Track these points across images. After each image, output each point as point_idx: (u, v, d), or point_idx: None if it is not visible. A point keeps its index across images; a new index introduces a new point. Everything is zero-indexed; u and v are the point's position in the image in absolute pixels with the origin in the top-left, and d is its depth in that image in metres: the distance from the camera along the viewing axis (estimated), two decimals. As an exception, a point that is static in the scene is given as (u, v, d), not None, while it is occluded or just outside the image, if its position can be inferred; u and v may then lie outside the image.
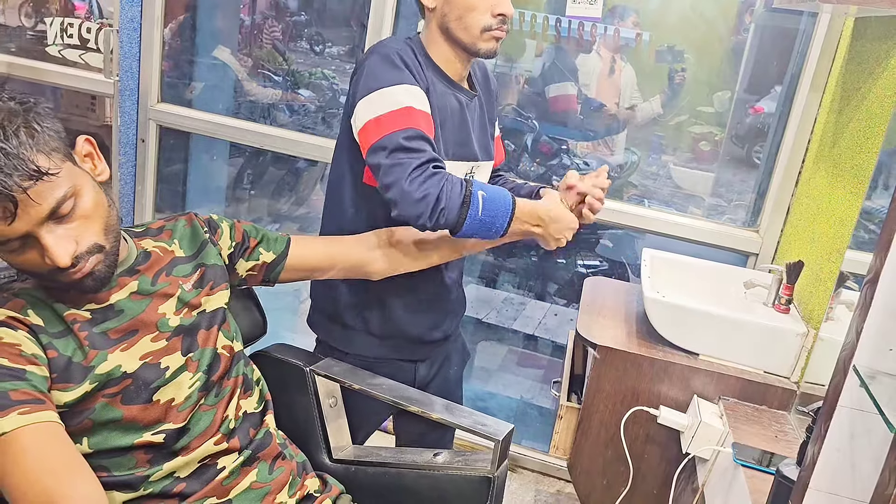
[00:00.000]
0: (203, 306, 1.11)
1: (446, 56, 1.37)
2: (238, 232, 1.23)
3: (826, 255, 1.62)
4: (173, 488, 1.04)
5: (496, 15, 1.31)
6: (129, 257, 1.07)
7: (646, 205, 2.60)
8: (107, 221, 0.97)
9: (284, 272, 1.27)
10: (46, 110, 0.92)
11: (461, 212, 1.19)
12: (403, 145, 1.19)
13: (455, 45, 1.35)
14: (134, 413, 0.99)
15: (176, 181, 2.85)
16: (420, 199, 1.17)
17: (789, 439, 1.46)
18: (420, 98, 1.27)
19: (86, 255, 0.94)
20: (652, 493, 1.70)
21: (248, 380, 1.18)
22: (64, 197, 0.91)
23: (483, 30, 1.31)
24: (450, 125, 1.37)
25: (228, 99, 3.02)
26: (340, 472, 1.33)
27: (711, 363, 1.62)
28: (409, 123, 1.22)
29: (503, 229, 1.24)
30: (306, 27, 3.62)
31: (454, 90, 1.39)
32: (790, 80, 2.06)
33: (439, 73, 1.36)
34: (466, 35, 1.32)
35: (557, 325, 3.25)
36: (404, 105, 1.23)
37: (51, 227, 0.91)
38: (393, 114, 1.22)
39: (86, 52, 2.54)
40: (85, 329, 0.98)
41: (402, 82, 1.26)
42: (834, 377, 0.90)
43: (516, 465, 2.40)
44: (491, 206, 1.21)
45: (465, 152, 1.42)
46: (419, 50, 1.36)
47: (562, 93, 2.69)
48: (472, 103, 1.43)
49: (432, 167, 1.19)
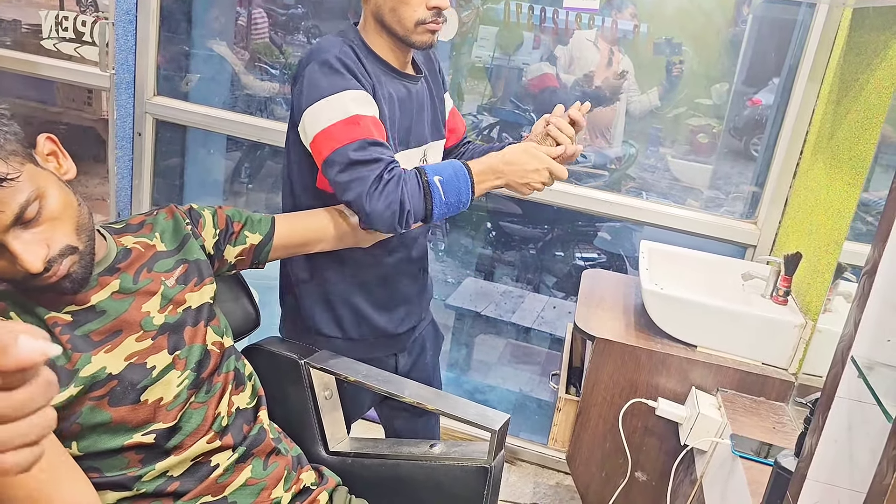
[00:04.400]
0: (188, 302, 1.09)
1: (386, 46, 1.35)
2: (221, 218, 1.21)
3: (824, 246, 1.61)
4: (167, 487, 1.03)
5: (431, 8, 1.28)
6: (108, 255, 1.04)
7: (644, 197, 2.59)
8: (77, 221, 0.94)
9: (273, 252, 1.26)
10: (1, 111, 0.88)
11: (426, 204, 1.22)
12: (355, 159, 1.19)
13: (391, 35, 1.33)
14: (122, 414, 0.98)
15: (173, 175, 2.84)
16: (384, 211, 1.19)
17: (787, 430, 1.47)
18: (365, 101, 1.25)
19: (58, 257, 0.90)
20: (650, 485, 1.70)
21: (240, 375, 1.17)
22: (27, 201, 0.86)
23: (417, 23, 1.29)
24: (398, 115, 1.36)
25: (225, 92, 3.01)
26: (337, 464, 1.33)
27: (709, 355, 1.62)
28: (357, 134, 1.21)
29: (469, 199, 1.25)
30: (303, 20, 3.61)
31: (399, 78, 1.37)
32: (788, 71, 2.05)
33: (382, 64, 1.34)
34: (400, 27, 1.30)
35: (556, 317, 3.25)
36: (351, 114, 1.22)
37: (17, 234, 0.87)
38: (340, 124, 1.21)
39: (81, 45, 2.52)
40: (66, 332, 0.96)
41: (345, 88, 1.24)
42: (832, 368, 0.90)
43: (515, 457, 2.40)
44: (451, 186, 1.23)
45: (415, 138, 1.42)
46: (358, 43, 1.33)
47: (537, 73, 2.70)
48: (418, 87, 1.42)
49: (387, 173, 1.20)
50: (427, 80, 1.46)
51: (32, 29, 2.85)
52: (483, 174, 1.26)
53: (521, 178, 1.27)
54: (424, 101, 1.44)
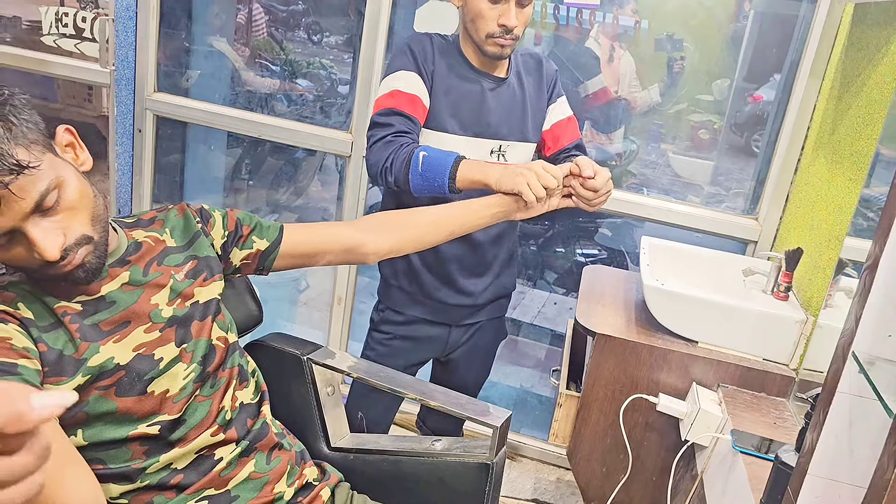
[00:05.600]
0: (196, 297, 1.10)
1: (471, 48, 1.54)
2: (231, 221, 1.22)
3: (825, 242, 1.61)
4: (171, 480, 1.03)
5: (500, 25, 1.45)
6: (119, 248, 1.05)
7: (645, 193, 2.59)
8: (93, 211, 0.95)
9: (278, 259, 1.26)
10: (23, 101, 0.89)
11: (404, 170, 1.40)
12: (375, 121, 1.49)
13: (470, 39, 1.53)
14: (128, 405, 0.98)
15: (174, 171, 2.84)
16: (373, 165, 1.45)
17: (788, 426, 1.47)
18: (410, 80, 1.50)
19: (74, 246, 0.92)
20: (651, 481, 1.70)
21: (244, 371, 1.17)
22: (47, 189, 0.88)
23: (487, 35, 1.47)
24: (466, 106, 1.55)
25: (225, 89, 3.01)
26: (339, 460, 1.33)
27: (710, 351, 1.62)
28: (388, 104, 1.48)
29: (444, 182, 1.37)
30: (304, 16, 3.60)
31: (477, 76, 1.56)
32: (789, 67, 2.05)
33: (462, 60, 1.56)
34: (476, 36, 1.50)
35: (557, 313, 3.26)
36: (392, 88, 1.49)
37: (36, 221, 0.88)
38: (382, 97, 1.50)
39: (81, 41, 2.52)
40: (76, 321, 0.97)
41: (399, 69, 1.51)
42: (833, 363, 0.90)
43: (516, 453, 2.40)
44: (430, 163, 1.38)
45: (485, 131, 1.57)
46: (450, 40, 1.58)
47: (599, 87, 2.68)
48: (499, 88, 1.58)
49: (392, 136, 1.44)
50: (521, 86, 1.62)
51: (32, 25, 2.85)
52: (471, 166, 1.37)
53: (509, 174, 1.30)
54: (506, 101, 1.59)
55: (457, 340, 1.74)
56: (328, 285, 2.51)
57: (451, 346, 1.74)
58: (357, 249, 1.31)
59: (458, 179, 1.37)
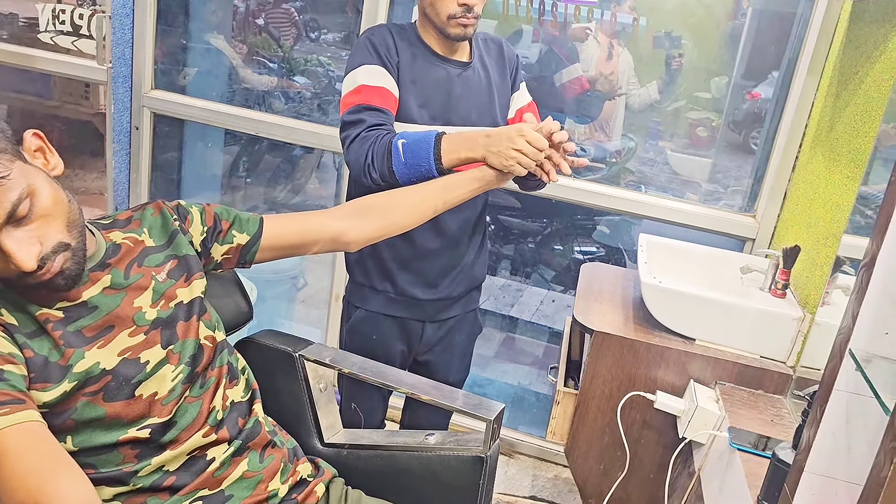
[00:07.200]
0: (180, 297, 1.09)
1: (431, 34, 1.51)
2: (209, 216, 1.20)
3: (823, 239, 1.61)
4: (164, 482, 1.02)
5: (461, 4, 1.42)
6: (98, 251, 1.03)
7: (643, 190, 2.59)
8: (69, 217, 0.93)
9: (260, 252, 1.25)
10: None
11: (386, 162, 1.36)
12: (345, 121, 1.45)
13: (431, 25, 1.49)
14: (117, 409, 0.97)
15: (171, 169, 2.83)
16: (354, 162, 1.40)
17: (785, 423, 1.47)
18: (375, 74, 1.45)
19: (52, 254, 0.90)
20: (648, 478, 1.70)
21: (234, 369, 1.16)
22: (19, 199, 0.85)
23: (449, 17, 1.44)
24: (434, 93, 1.51)
25: (223, 86, 3.00)
26: (332, 455, 1.33)
27: (708, 348, 1.62)
28: (355, 101, 1.44)
29: (431, 164, 1.34)
30: (301, 14, 3.59)
31: (441, 63, 1.52)
32: (787, 64, 2.04)
33: (425, 48, 1.52)
34: (437, 19, 1.46)
35: (554, 311, 3.26)
36: (357, 84, 1.45)
37: (10, 232, 0.86)
38: (348, 94, 1.46)
39: (78, 38, 2.51)
40: (59, 328, 0.95)
41: (362, 63, 1.46)
42: (830, 361, 0.90)
43: (513, 450, 2.40)
44: (411, 149, 1.35)
45: (455, 118, 1.53)
46: (408, 29, 1.53)
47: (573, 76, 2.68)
48: (465, 73, 1.54)
49: (365, 131, 1.40)
50: (485, 70, 1.58)
51: (29, 22, 2.84)
52: (454, 143, 1.34)
53: (496, 147, 1.30)
54: (474, 86, 1.56)
55: (431, 337, 1.68)
56: (326, 283, 2.51)
57: (425, 344, 1.68)
58: (339, 238, 1.30)
59: (445, 161, 1.34)
